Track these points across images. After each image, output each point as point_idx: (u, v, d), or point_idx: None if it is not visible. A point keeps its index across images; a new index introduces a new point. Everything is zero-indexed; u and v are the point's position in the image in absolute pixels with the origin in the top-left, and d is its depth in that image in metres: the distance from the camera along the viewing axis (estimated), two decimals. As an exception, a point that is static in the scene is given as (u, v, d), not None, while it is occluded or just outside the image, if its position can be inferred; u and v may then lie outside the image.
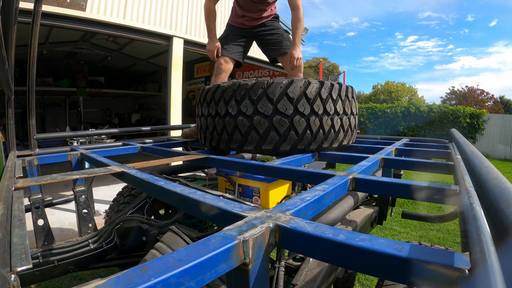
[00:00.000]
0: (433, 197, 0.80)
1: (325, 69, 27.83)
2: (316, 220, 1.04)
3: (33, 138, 1.86)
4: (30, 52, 1.78)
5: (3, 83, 1.48)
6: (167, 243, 1.12)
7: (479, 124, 12.20)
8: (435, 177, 3.44)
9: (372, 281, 2.53)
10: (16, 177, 1.02)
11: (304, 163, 1.41)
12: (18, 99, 2.03)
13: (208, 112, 1.54)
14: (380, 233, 3.60)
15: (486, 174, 0.63)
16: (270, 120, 1.35)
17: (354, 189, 0.90)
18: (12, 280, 0.39)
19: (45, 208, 1.68)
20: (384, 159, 1.28)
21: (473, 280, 0.34)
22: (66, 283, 2.38)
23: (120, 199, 2.01)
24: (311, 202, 0.67)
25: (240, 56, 2.30)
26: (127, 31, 4.20)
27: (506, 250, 0.34)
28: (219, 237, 0.45)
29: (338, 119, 1.45)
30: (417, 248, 0.41)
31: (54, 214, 3.58)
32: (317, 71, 12.06)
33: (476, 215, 0.48)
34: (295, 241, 0.50)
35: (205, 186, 1.74)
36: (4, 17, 1.24)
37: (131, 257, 1.57)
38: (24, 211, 0.66)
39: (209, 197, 0.68)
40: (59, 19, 3.42)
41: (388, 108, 13.91)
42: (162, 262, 0.38)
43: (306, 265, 1.07)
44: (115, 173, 1.02)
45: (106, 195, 4.17)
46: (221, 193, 1.31)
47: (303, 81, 1.36)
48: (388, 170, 1.74)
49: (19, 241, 0.50)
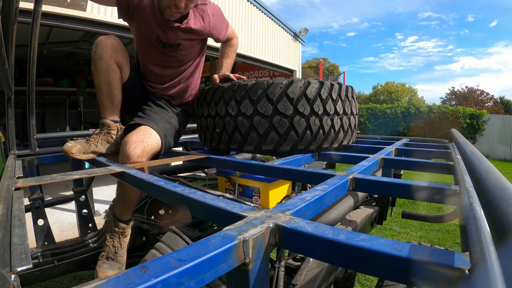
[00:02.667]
0: (433, 197, 0.80)
1: (325, 70, 27.84)
2: (316, 220, 1.04)
3: (33, 138, 1.86)
4: (30, 52, 1.78)
5: (3, 83, 1.48)
6: (167, 243, 1.13)
7: (479, 125, 12.21)
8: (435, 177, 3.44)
9: (372, 281, 2.53)
10: (16, 177, 1.02)
11: (304, 163, 1.41)
12: (18, 99, 2.03)
13: (208, 112, 1.54)
14: (380, 233, 3.60)
15: (486, 174, 0.63)
16: (270, 120, 1.35)
17: (354, 189, 0.90)
18: (12, 280, 0.39)
19: (45, 208, 1.68)
20: (384, 159, 1.28)
21: (473, 280, 0.34)
22: (66, 283, 2.38)
23: (120, 199, 2.01)
24: (311, 202, 0.67)
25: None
26: (127, 31, 4.19)
27: (506, 250, 0.34)
28: (219, 237, 0.45)
29: (338, 119, 1.45)
30: (417, 248, 0.42)
31: (54, 214, 3.58)
32: (317, 71, 12.07)
33: (476, 215, 0.48)
34: (295, 241, 0.50)
35: (205, 186, 1.74)
36: (4, 17, 1.24)
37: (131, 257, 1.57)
38: (24, 211, 0.66)
39: (209, 197, 0.68)
40: (59, 19, 3.42)
41: (388, 109, 13.91)
42: (162, 262, 0.38)
43: (306, 265, 1.07)
44: (115, 173, 1.02)
45: (106, 195, 4.17)
46: (221, 193, 1.31)
47: (303, 81, 1.36)
48: (388, 170, 1.74)
49: (19, 241, 0.50)
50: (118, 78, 1.46)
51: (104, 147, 1.43)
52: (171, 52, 1.56)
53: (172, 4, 1.35)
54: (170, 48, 1.54)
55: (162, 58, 1.58)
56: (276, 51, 7.36)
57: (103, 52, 1.39)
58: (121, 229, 1.38)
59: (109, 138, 1.45)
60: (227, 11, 5.80)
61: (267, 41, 7.01)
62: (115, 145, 1.45)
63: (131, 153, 1.24)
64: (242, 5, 6.23)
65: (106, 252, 1.36)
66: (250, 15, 6.48)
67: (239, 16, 6.14)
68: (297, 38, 8.26)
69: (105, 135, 1.45)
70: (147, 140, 1.32)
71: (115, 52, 1.42)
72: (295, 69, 8.23)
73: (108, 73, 1.41)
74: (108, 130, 1.45)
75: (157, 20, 1.46)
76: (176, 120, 1.64)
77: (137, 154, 1.25)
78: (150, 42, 1.54)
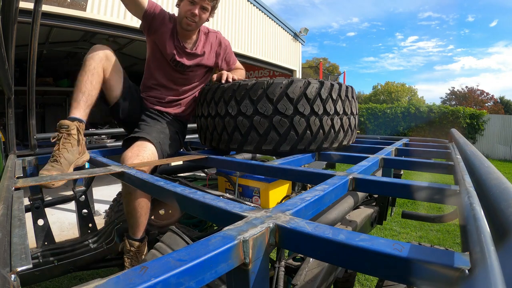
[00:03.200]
0: (433, 197, 0.80)
1: (325, 70, 27.83)
2: (316, 220, 1.04)
3: (33, 138, 1.86)
4: (30, 52, 1.78)
5: (3, 83, 1.48)
6: (167, 243, 1.12)
7: (479, 125, 12.21)
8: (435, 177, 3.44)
9: (372, 281, 2.53)
10: (16, 177, 1.02)
11: (304, 163, 1.41)
12: (18, 99, 2.03)
13: (208, 112, 1.54)
14: (380, 233, 3.60)
15: (486, 174, 0.63)
16: (270, 120, 1.35)
17: (354, 189, 0.90)
18: (12, 280, 0.39)
19: (45, 208, 1.68)
20: (384, 159, 1.28)
21: (473, 280, 0.34)
22: (66, 283, 2.38)
23: (120, 199, 2.01)
24: (311, 202, 0.67)
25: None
26: (127, 31, 4.20)
27: (506, 250, 0.34)
28: (219, 237, 0.45)
29: (338, 119, 1.45)
30: (417, 248, 0.42)
31: (54, 214, 3.58)
32: (317, 71, 12.07)
33: (476, 215, 0.48)
34: (295, 241, 0.50)
35: (205, 186, 1.74)
36: (4, 17, 1.24)
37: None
38: (24, 211, 0.66)
39: (209, 197, 0.68)
40: (60, 19, 3.41)
41: (388, 109, 13.91)
42: (162, 262, 0.38)
43: (306, 265, 1.07)
44: (115, 173, 1.02)
45: (106, 195, 4.17)
46: (221, 193, 1.31)
47: (303, 81, 1.36)
48: (388, 170, 1.74)
49: (19, 241, 0.50)
50: (98, 82, 1.42)
51: (71, 154, 1.25)
52: (181, 71, 1.71)
53: (188, 14, 1.53)
54: (181, 68, 1.69)
55: (172, 74, 1.71)
56: (276, 51, 7.36)
57: (95, 55, 1.41)
58: (137, 248, 1.37)
59: (71, 140, 1.27)
60: (227, 11, 5.80)
61: (267, 41, 7.01)
62: (81, 145, 1.31)
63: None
64: (242, 5, 6.23)
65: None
66: (250, 15, 6.48)
67: (239, 16, 6.14)
68: (297, 38, 8.27)
69: (66, 139, 1.26)
70: (142, 154, 1.34)
71: (105, 59, 1.44)
72: (295, 69, 8.23)
73: (93, 73, 1.39)
74: (67, 132, 1.27)
75: (174, 43, 1.65)
76: (172, 129, 1.65)
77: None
78: (164, 59, 1.67)
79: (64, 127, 1.27)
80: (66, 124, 1.28)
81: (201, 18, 1.56)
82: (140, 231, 1.38)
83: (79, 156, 1.31)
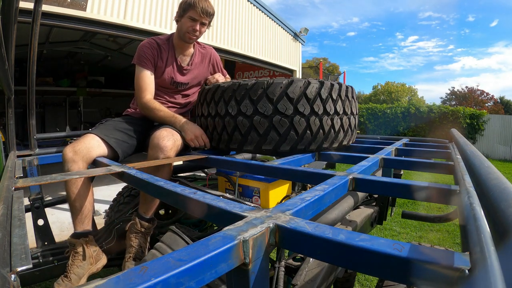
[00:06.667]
0: (433, 197, 0.80)
1: (325, 70, 27.83)
2: (316, 220, 1.04)
3: (33, 138, 1.86)
4: (30, 52, 1.78)
5: (3, 83, 1.48)
6: (167, 243, 1.13)
7: (479, 125, 12.20)
8: (435, 177, 3.44)
9: (372, 281, 2.53)
10: (16, 177, 1.02)
11: (304, 163, 1.41)
12: (18, 99, 2.03)
13: (208, 112, 1.54)
14: (380, 233, 3.60)
15: (486, 174, 0.63)
16: (270, 120, 1.35)
17: (354, 189, 0.90)
18: (12, 280, 0.39)
19: (45, 208, 1.68)
20: (384, 159, 1.28)
21: (473, 280, 0.34)
22: (66, 283, 2.37)
23: (120, 199, 2.01)
24: (311, 202, 0.67)
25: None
26: (127, 31, 4.20)
27: (506, 250, 0.34)
28: (219, 237, 0.45)
29: (338, 119, 1.45)
30: (417, 248, 0.42)
31: (54, 214, 3.57)
32: (317, 71, 12.07)
33: (476, 215, 0.48)
34: (295, 241, 0.50)
35: (205, 186, 1.74)
36: (4, 17, 1.24)
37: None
38: (24, 211, 0.66)
39: (209, 197, 0.68)
40: (60, 19, 3.41)
41: (388, 109, 13.91)
42: (162, 262, 0.38)
43: (306, 265, 1.07)
44: (115, 173, 1.02)
45: (106, 195, 4.16)
46: (221, 193, 1.31)
47: (303, 81, 1.36)
48: (388, 170, 1.74)
49: (19, 241, 0.50)
50: (88, 188, 1.37)
51: (81, 268, 1.29)
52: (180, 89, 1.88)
53: (190, 29, 1.69)
54: (181, 86, 1.86)
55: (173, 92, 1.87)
56: (276, 51, 7.36)
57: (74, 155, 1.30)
58: (146, 229, 1.42)
59: (79, 256, 1.29)
60: (227, 11, 5.79)
61: (267, 41, 7.00)
62: (92, 257, 1.32)
63: (165, 145, 1.35)
64: (242, 5, 6.23)
65: (132, 254, 1.38)
66: (250, 15, 6.48)
67: (239, 16, 6.13)
68: (297, 38, 8.26)
69: (74, 256, 1.30)
70: (175, 136, 1.45)
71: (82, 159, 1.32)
72: (295, 69, 8.23)
73: (77, 185, 1.32)
74: (74, 250, 1.30)
75: (173, 68, 1.81)
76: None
77: (169, 146, 1.36)
78: (166, 83, 1.81)
79: (71, 245, 1.32)
80: (72, 243, 1.32)
81: (200, 32, 1.73)
82: (151, 212, 1.44)
83: (92, 266, 1.33)
